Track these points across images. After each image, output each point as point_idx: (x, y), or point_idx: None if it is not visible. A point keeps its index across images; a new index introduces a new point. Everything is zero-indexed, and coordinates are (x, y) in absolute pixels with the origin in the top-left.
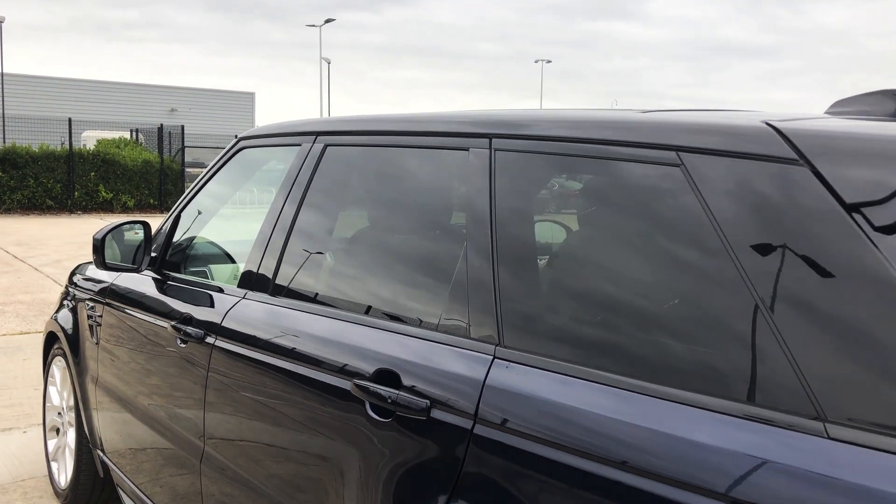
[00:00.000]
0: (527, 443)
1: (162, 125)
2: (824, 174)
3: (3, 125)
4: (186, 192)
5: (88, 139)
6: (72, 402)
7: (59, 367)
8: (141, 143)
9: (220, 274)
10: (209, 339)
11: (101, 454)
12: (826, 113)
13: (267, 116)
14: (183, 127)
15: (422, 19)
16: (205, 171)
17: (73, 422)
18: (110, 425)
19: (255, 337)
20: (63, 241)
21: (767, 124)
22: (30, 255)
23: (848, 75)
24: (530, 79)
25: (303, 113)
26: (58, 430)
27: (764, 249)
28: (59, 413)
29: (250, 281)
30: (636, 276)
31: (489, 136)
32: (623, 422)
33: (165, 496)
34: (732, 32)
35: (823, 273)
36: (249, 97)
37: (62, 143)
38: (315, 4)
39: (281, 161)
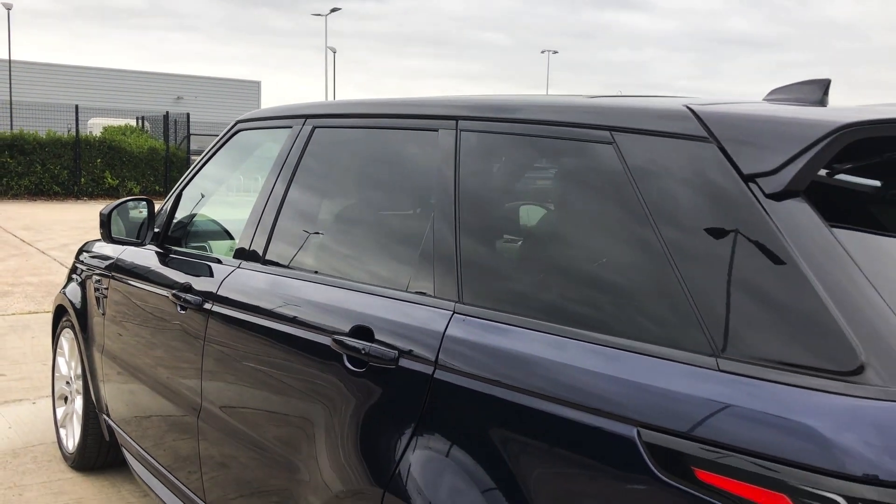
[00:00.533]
0: (475, 383)
1: (167, 113)
2: (728, 149)
3: (11, 111)
4: (188, 171)
5: (94, 126)
6: (79, 371)
7: (67, 339)
8: (147, 131)
9: (218, 247)
10: (207, 305)
11: (107, 418)
12: (764, 99)
13: (272, 105)
14: (188, 115)
15: (427, 8)
16: (205, 151)
17: (81, 390)
18: (115, 391)
19: (248, 302)
20: (69, 227)
21: (687, 107)
22: (37, 239)
23: (855, 68)
24: (536, 69)
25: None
26: (66, 399)
27: (676, 213)
28: (68, 382)
29: (244, 252)
30: (573, 240)
31: (456, 119)
32: (556, 362)
33: (168, 455)
34: (739, 24)
35: (724, 234)
36: (255, 86)
37: (69, 130)
38: None
39: (274, 142)
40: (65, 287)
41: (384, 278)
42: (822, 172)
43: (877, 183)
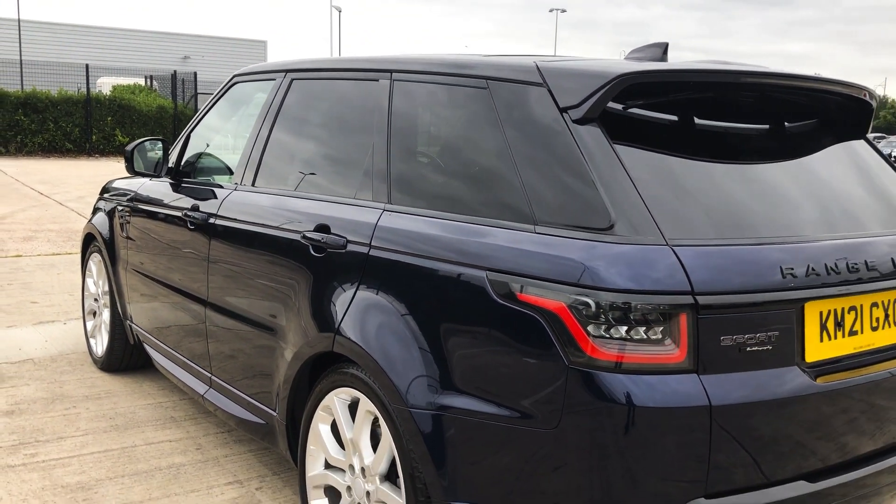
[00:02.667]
0: (394, 254)
1: (175, 72)
2: (553, 91)
3: (21, 70)
4: (195, 116)
5: (104, 85)
6: (106, 289)
7: (95, 262)
8: (155, 90)
9: (219, 177)
10: (211, 221)
11: (131, 323)
12: (625, 58)
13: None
14: (196, 74)
15: None
16: (208, 100)
17: (108, 304)
18: (139, 299)
19: (242, 217)
20: (83, 181)
21: (535, 64)
22: (54, 192)
23: (864, 25)
24: (544, 28)
25: None
26: (94, 313)
27: (520, 134)
28: (96, 299)
29: (239, 179)
30: (460, 155)
31: (391, 72)
32: (443, 235)
33: (183, 347)
34: None
35: (546, 146)
36: (262, 45)
37: (79, 89)
38: None
39: (262, 91)
40: (91, 218)
41: (338, 191)
42: (618, 106)
43: (651, 113)
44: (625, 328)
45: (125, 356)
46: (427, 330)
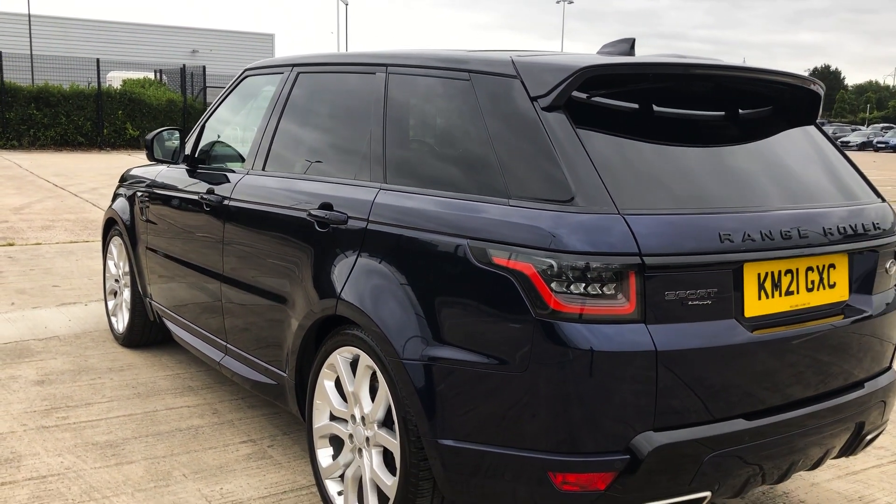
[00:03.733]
0: (389, 227)
1: (184, 66)
2: (525, 82)
3: (32, 65)
4: (209, 107)
5: (114, 79)
6: (126, 269)
7: (115, 245)
8: (164, 84)
9: (232, 163)
10: (225, 203)
11: (151, 300)
12: (597, 52)
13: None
14: (205, 68)
15: None
16: (222, 92)
17: (129, 283)
18: (157, 277)
19: (254, 198)
20: (96, 173)
21: (511, 58)
22: (69, 184)
23: (876, 15)
24: (551, 19)
25: None
26: (115, 293)
27: (497, 119)
28: (117, 280)
29: (250, 164)
30: (447, 140)
31: (386, 65)
32: (431, 209)
33: (202, 321)
34: None
35: (517, 131)
36: (269, 38)
37: (89, 83)
38: None
39: (271, 84)
40: (112, 204)
41: (340, 173)
42: (583, 95)
43: (612, 101)
44: (583, 285)
45: (145, 332)
46: (417, 292)
